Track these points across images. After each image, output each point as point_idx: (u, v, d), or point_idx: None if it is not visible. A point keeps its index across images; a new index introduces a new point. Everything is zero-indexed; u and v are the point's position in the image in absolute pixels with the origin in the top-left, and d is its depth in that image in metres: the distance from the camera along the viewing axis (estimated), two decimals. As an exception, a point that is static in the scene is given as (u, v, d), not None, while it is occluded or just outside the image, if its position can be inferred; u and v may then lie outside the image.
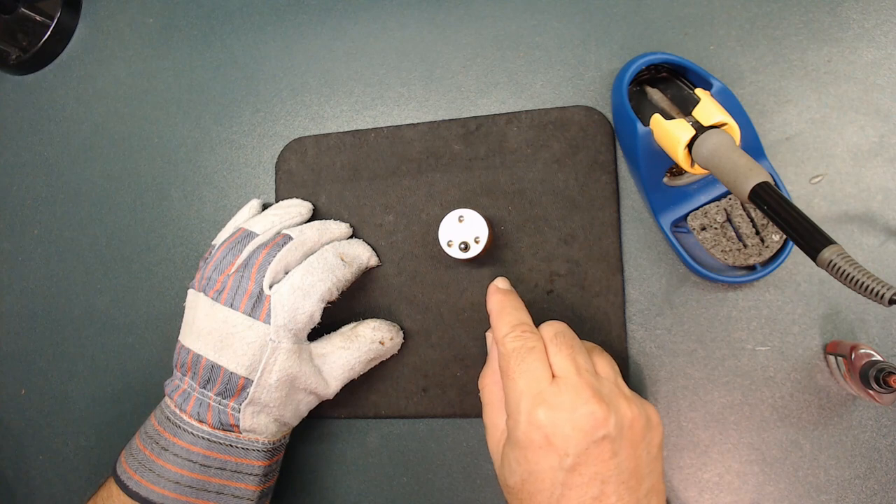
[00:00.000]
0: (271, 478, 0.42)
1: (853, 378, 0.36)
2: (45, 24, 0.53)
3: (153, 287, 0.51)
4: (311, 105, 0.49)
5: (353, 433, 0.46)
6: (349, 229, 0.45)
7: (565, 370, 0.33)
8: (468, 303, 0.44)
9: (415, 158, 0.45)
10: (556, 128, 0.43)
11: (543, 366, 0.33)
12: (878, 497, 0.39)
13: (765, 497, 0.40)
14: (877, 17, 0.41)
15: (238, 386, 0.38)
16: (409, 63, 0.48)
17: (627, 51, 0.44)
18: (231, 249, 0.40)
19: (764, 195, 0.30)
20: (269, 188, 0.49)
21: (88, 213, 0.52)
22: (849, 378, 0.37)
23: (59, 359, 0.52)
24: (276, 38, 0.50)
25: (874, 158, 0.40)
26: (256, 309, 0.38)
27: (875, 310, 0.39)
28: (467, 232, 0.41)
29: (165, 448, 0.38)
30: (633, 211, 0.43)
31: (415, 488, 0.45)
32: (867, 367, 0.35)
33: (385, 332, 0.42)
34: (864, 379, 0.34)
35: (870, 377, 0.34)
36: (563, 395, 0.32)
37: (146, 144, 0.52)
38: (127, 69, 0.53)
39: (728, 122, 0.35)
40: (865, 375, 0.34)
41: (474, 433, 0.44)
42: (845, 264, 0.27)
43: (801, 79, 0.41)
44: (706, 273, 0.39)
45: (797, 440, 0.40)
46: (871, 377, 0.34)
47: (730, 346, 0.41)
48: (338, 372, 0.41)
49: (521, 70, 0.46)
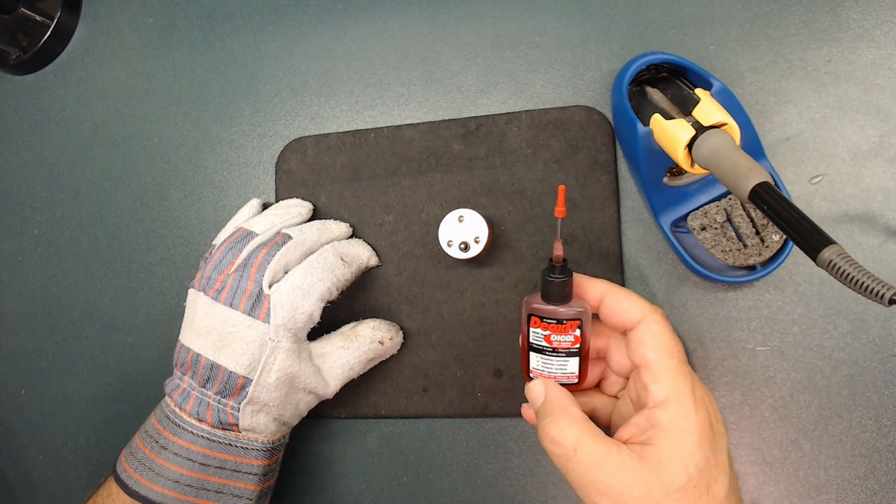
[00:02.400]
0: (271, 477, 0.42)
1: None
2: (45, 24, 0.53)
3: (153, 287, 0.51)
4: (311, 105, 0.49)
5: (353, 433, 0.46)
6: (349, 229, 0.45)
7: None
8: (468, 303, 0.44)
9: (415, 158, 0.45)
10: (556, 128, 0.43)
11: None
12: (878, 497, 0.39)
13: (765, 497, 0.40)
14: (877, 17, 0.41)
15: (237, 385, 0.38)
16: (409, 63, 0.48)
17: (627, 51, 0.44)
18: (231, 249, 0.40)
19: (764, 195, 0.30)
20: (269, 188, 0.49)
21: (88, 213, 0.52)
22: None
23: (59, 359, 0.52)
24: (276, 38, 0.50)
25: (874, 158, 0.40)
26: (256, 308, 0.38)
27: (875, 310, 0.39)
28: (467, 232, 0.41)
29: (165, 447, 0.38)
30: (633, 211, 0.43)
31: (415, 488, 0.45)
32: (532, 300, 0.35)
33: (385, 332, 0.42)
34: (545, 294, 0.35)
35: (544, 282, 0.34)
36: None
37: (146, 144, 0.52)
38: (127, 69, 0.53)
39: (728, 122, 0.35)
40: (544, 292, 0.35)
41: (474, 433, 0.44)
42: (845, 264, 0.27)
43: (801, 79, 0.41)
44: (706, 273, 0.39)
45: (797, 440, 0.40)
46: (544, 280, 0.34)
47: (730, 346, 0.41)
48: (337, 371, 0.41)
49: (521, 70, 0.46)
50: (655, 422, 0.31)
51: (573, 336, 0.35)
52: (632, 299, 0.35)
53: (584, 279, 0.36)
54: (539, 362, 0.36)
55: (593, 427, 0.33)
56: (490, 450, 0.44)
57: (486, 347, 0.43)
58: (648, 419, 0.32)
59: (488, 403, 0.43)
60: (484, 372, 0.43)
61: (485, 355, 0.43)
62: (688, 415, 0.31)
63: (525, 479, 0.43)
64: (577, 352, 0.35)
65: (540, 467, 0.43)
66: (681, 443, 0.31)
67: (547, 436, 0.33)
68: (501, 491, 0.44)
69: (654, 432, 0.31)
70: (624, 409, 0.37)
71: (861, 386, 0.39)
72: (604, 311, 0.36)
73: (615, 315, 0.35)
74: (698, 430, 0.31)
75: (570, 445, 0.32)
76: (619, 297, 0.35)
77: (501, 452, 0.44)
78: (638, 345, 0.33)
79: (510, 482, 0.44)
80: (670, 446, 0.31)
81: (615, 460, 0.31)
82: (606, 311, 0.35)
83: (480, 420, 0.44)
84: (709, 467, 0.31)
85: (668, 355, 0.33)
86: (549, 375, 0.36)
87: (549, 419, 0.33)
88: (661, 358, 0.33)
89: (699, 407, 0.32)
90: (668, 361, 0.33)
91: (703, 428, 0.31)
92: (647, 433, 0.32)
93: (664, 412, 0.31)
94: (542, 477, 0.43)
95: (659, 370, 0.32)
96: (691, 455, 0.30)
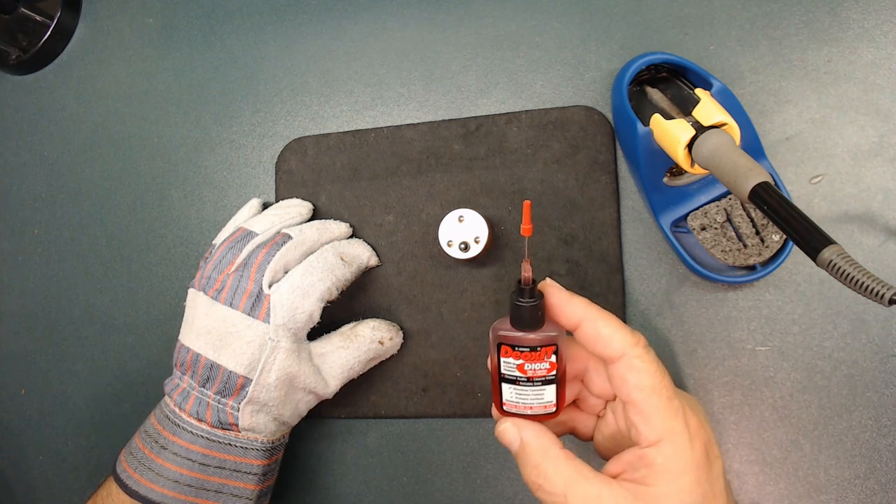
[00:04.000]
0: (270, 477, 0.42)
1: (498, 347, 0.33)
2: (45, 24, 0.53)
3: (153, 287, 0.51)
4: (311, 105, 0.49)
5: (353, 433, 0.46)
6: (349, 229, 0.45)
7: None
8: (468, 303, 0.44)
9: (415, 158, 0.45)
10: (556, 128, 0.43)
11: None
12: (878, 497, 0.39)
13: (765, 497, 0.40)
14: (877, 17, 0.41)
15: (237, 385, 0.38)
16: (409, 63, 0.48)
17: (627, 51, 0.44)
18: (231, 249, 0.40)
19: (764, 195, 0.30)
20: (269, 188, 0.49)
21: (88, 213, 0.52)
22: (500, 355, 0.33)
23: (59, 359, 0.52)
24: (276, 38, 0.50)
25: (874, 158, 0.40)
26: (256, 308, 0.38)
27: (875, 310, 0.39)
28: (467, 232, 0.41)
29: (165, 447, 0.38)
30: (633, 211, 0.43)
31: (415, 488, 0.45)
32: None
33: (385, 332, 0.42)
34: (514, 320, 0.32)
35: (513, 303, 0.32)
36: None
37: (146, 144, 0.52)
38: (127, 69, 0.53)
39: (728, 122, 0.35)
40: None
41: (474, 433, 0.44)
42: (845, 264, 0.27)
43: (801, 79, 0.41)
44: (706, 273, 0.39)
45: (797, 440, 0.40)
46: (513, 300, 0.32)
47: (730, 346, 0.41)
48: (337, 371, 0.41)
49: (521, 70, 0.46)
50: (650, 462, 0.30)
51: (548, 363, 0.32)
52: (611, 329, 0.32)
53: (558, 298, 0.33)
54: (513, 394, 0.33)
55: (581, 466, 0.31)
56: (490, 450, 0.44)
57: (486, 347, 0.43)
58: (641, 458, 0.30)
59: (488, 403, 0.43)
60: (484, 372, 0.43)
61: (485, 355, 0.43)
62: (683, 454, 0.30)
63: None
64: (554, 378, 0.32)
65: (540, 467, 0.43)
66: (677, 483, 0.29)
67: (533, 483, 0.31)
68: (501, 491, 0.44)
69: (648, 472, 0.30)
70: (607, 430, 0.35)
71: (861, 386, 0.39)
72: (580, 336, 0.33)
73: (593, 346, 0.32)
74: (694, 466, 0.30)
75: (559, 492, 0.30)
76: (598, 326, 0.32)
77: (501, 452, 0.44)
78: (621, 383, 0.31)
79: (510, 482, 0.44)
80: (666, 487, 0.29)
81: (609, 502, 0.30)
82: (583, 338, 0.33)
83: (480, 420, 0.44)
84: (706, 500, 0.30)
85: (655, 394, 0.31)
86: (525, 407, 0.33)
87: (531, 468, 0.31)
88: (648, 397, 0.30)
89: (694, 441, 0.30)
90: (655, 400, 0.30)
91: (699, 463, 0.30)
92: (641, 472, 0.30)
93: (658, 453, 0.30)
94: (542, 477, 0.43)
95: (648, 410, 0.30)
96: (688, 494, 0.29)
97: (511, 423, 0.33)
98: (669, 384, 0.31)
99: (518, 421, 0.33)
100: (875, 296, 0.26)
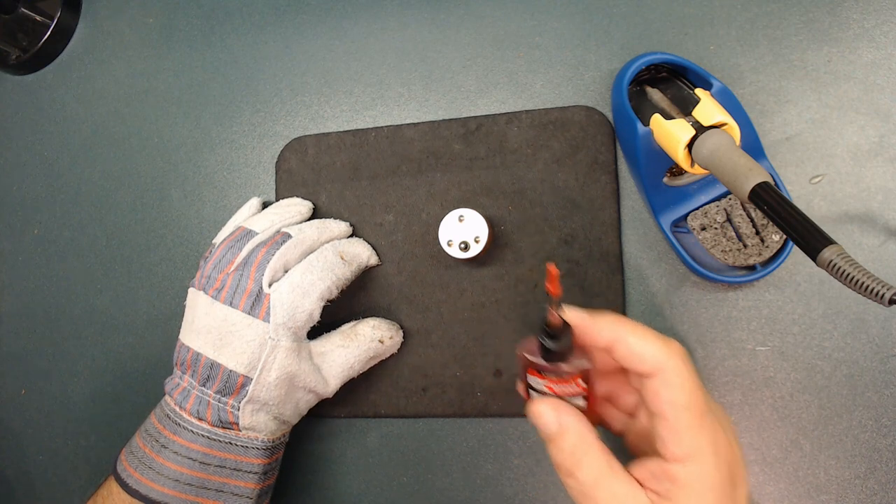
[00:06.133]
0: (271, 476, 0.42)
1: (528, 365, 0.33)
2: (45, 24, 0.53)
3: (153, 287, 0.51)
4: (311, 105, 0.49)
5: (352, 433, 0.46)
6: (349, 228, 0.45)
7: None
8: (468, 303, 0.44)
9: (415, 158, 0.45)
10: (556, 128, 0.43)
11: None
12: (878, 497, 0.39)
13: (765, 497, 0.40)
14: (877, 17, 0.41)
15: (237, 384, 0.38)
16: (409, 63, 0.48)
17: (627, 51, 0.44)
18: (230, 248, 0.41)
19: (764, 195, 0.30)
20: (269, 188, 0.49)
21: (88, 213, 0.53)
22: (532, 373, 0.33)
23: (59, 359, 0.52)
24: (276, 38, 0.50)
25: (874, 158, 0.40)
26: (256, 307, 0.38)
27: (875, 310, 0.39)
28: (467, 232, 0.41)
29: (165, 446, 0.38)
30: (633, 211, 0.43)
31: (415, 488, 0.45)
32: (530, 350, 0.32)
33: (385, 331, 0.42)
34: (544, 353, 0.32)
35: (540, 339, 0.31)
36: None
37: (146, 144, 0.52)
38: (127, 69, 0.53)
39: (728, 122, 0.35)
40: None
41: (474, 433, 0.44)
42: (845, 264, 0.27)
43: (801, 79, 0.41)
44: (706, 273, 0.39)
45: (797, 440, 0.40)
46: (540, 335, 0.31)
47: (730, 346, 0.41)
48: (337, 370, 0.41)
49: (521, 70, 0.46)
50: (673, 477, 0.30)
51: (577, 387, 0.32)
52: (644, 344, 0.31)
53: (587, 322, 0.32)
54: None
55: (613, 462, 0.31)
56: (490, 450, 0.44)
57: (486, 347, 0.43)
58: (665, 472, 0.30)
59: (488, 403, 0.43)
60: (484, 372, 0.43)
61: (485, 355, 0.43)
62: (708, 475, 0.29)
63: (525, 479, 0.43)
64: (581, 394, 0.32)
65: (540, 467, 0.43)
66: (699, 502, 0.29)
67: (564, 469, 0.31)
68: (501, 491, 0.44)
69: (671, 487, 0.30)
70: (638, 426, 0.35)
71: (861, 386, 0.39)
72: (615, 356, 0.32)
73: (628, 364, 0.32)
74: (719, 487, 0.29)
75: (590, 482, 0.30)
76: (631, 344, 0.31)
77: (501, 452, 0.44)
78: (654, 396, 0.31)
79: (510, 482, 0.44)
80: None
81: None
82: (618, 358, 0.32)
83: (480, 420, 0.44)
84: None
85: (687, 411, 0.30)
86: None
87: (567, 454, 0.31)
88: (679, 413, 0.30)
89: (720, 463, 0.30)
90: (687, 417, 0.30)
91: (723, 485, 0.30)
92: (664, 485, 0.30)
93: (682, 469, 0.30)
94: (542, 477, 0.43)
95: (678, 426, 0.30)
96: None
97: (548, 404, 0.32)
98: (702, 400, 0.31)
99: (556, 403, 0.32)
100: (875, 296, 0.27)
